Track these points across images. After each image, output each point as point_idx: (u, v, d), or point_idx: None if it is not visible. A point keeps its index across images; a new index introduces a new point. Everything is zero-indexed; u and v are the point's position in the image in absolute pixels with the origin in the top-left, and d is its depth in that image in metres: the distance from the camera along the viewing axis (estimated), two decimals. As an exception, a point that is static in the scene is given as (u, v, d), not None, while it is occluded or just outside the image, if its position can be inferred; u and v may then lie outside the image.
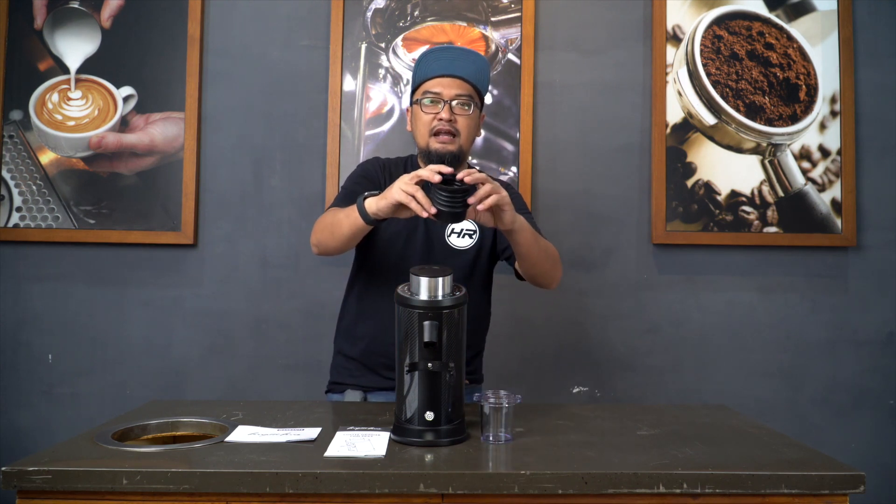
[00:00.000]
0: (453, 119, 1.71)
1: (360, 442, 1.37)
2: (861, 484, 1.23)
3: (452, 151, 1.71)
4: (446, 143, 1.71)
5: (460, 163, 1.75)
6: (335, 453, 1.30)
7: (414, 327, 1.36)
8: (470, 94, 1.73)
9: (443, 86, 1.72)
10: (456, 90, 1.72)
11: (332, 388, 1.86)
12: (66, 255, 2.47)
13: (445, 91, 1.72)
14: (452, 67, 1.72)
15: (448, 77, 1.72)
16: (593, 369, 2.49)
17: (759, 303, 2.51)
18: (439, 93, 1.72)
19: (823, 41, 2.54)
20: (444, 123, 1.70)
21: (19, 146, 2.47)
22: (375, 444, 1.35)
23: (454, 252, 1.78)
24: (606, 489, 1.20)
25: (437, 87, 1.72)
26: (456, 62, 1.72)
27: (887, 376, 2.50)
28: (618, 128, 2.52)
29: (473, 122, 1.75)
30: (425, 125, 1.73)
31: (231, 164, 2.50)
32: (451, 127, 1.71)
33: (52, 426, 2.42)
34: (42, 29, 2.49)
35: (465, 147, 1.75)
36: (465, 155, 1.78)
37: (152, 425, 1.51)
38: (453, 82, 1.72)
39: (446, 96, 1.71)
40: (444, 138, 1.71)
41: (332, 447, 1.34)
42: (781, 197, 2.50)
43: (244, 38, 2.52)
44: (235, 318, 2.48)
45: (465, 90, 1.72)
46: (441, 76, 1.72)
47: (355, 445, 1.34)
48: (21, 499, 1.20)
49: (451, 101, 1.71)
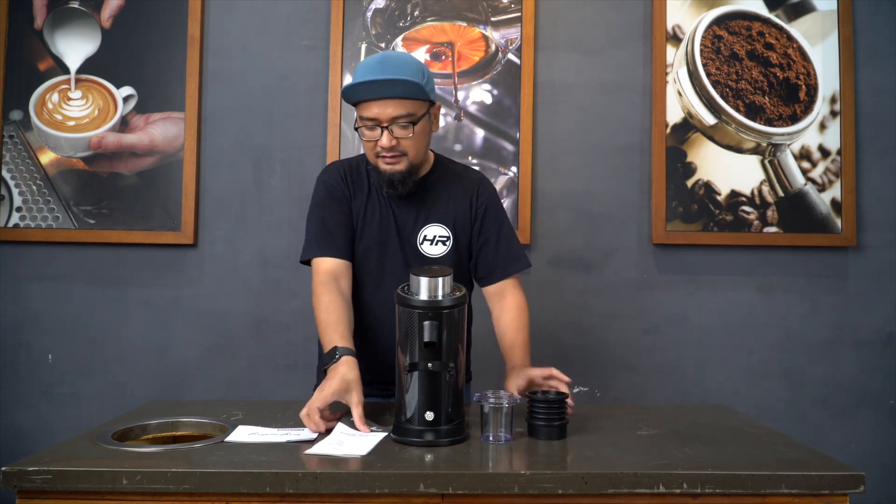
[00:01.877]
0: (396, 143, 1.62)
1: (349, 441, 1.35)
2: (861, 484, 1.23)
3: (401, 171, 1.64)
4: (393, 163, 1.64)
5: (415, 175, 1.69)
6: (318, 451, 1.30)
7: (414, 327, 1.36)
8: (409, 111, 1.61)
9: (379, 107, 1.60)
10: (392, 111, 1.59)
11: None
12: (66, 255, 2.47)
13: (382, 113, 1.60)
14: (383, 89, 1.59)
15: (382, 99, 1.59)
16: (593, 369, 2.49)
17: (759, 303, 2.51)
18: (376, 118, 1.60)
19: (823, 41, 2.54)
20: (387, 150, 1.62)
21: (19, 146, 2.47)
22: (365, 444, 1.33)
23: (428, 261, 1.72)
24: (606, 489, 1.20)
25: (373, 112, 1.60)
26: (385, 83, 1.58)
27: (887, 376, 2.50)
28: (618, 128, 2.52)
29: (421, 135, 1.65)
30: (369, 150, 1.66)
31: (231, 164, 2.50)
32: (396, 151, 1.63)
33: (52, 426, 2.42)
34: (42, 29, 2.49)
35: (415, 161, 1.66)
36: (420, 164, 1.70)
37: (152, 425, 1.51)
38: (388, 103, 1.59)
39: (384, 120, 1.60)
40: (390, 160, 1.64)
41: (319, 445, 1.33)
42: (781, 197, 2.50)
43: (244, 38, 2.52)
44: (235, 318, 2.48)
45: (403, 109, 1.60)
46: (373, 99, 1.60)
47: (342, 444, 1.33)
48: (21, 499, 1.20)
49: (390, 125, 1.61)
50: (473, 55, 2.50)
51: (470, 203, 1.76)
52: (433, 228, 1.74)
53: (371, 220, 1.73)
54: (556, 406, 1.41)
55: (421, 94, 1.61)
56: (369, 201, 1.74)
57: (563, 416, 1.42)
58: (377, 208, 1.73)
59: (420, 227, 1.73)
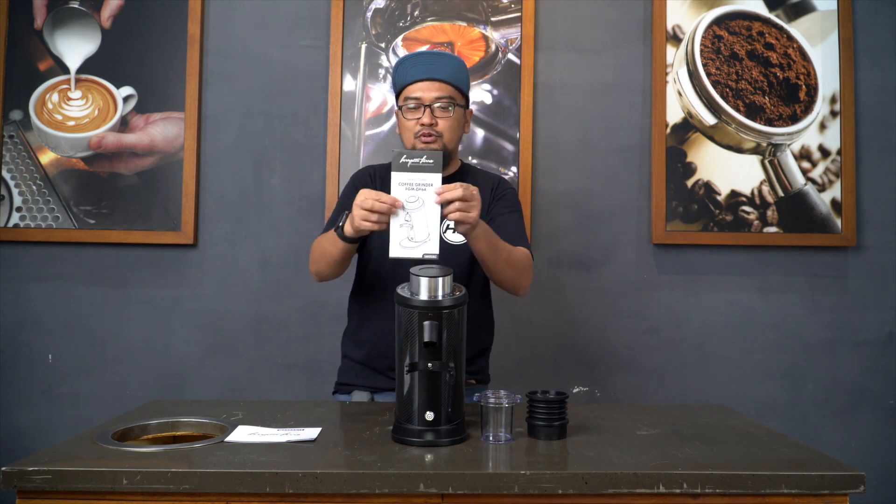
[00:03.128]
0: (435, 122, 1.75)
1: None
2: (861, 484, 1.23)
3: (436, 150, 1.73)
4: (429, 142, 1.75)
5: (447, 161, 1.79)
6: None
7: (414, 327, 1.36)
8: (451, 95, 1.77)
9: (422, 90, 1.76)
10: (436, 93, 1.76)
11: (339, 388, 1.88)
12: (66, 255, 2.47)
13: (425, 95, 1.76)
14: (430, 71, 1.76)
15: (427, 80, 1.76)
16: (593, 369, 2.49)
17: (759, 303, 2.51)
18: (419, 97, 1.76)
19: (823, 41, 2.54)
20: (427, 128, 1.75)
21: (19, 146, 2.47)
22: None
23: (452, 248, 1.78)
24: (606, 489, 1.20)
25: (417, 92, 1.76)
26: (433, 65, 1.77)
27: (887, 376, 2.50)
28: (618, 128, 2.52)
29: (456, 123, 1.79)
30: (409, 130, 1.78)
31: (231, 164, 2.50)
32: (433, 130, 1.75)
33: (52, 426, 2.42)
34: (42, 29, 2.49)
35: (449, 146, 1.79)
36: (452, 152, 1.83)
37: (152, 425, 1.51)
38: (432, 85, 1.76)
39: (427, 100, 1.75)
40: (426, 139, 1.75)
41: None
42: (781, 197, 2.50)
43: (244, 38, 2.52)
44: (235, 318, 2.47)
45: (446, 92, 1.76)
46: (420, 80, 1.76)
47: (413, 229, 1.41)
48: (21, 499, 1.20)
49: (432, 104, 1.75)
50: (473, 55, 2.50)
51: (491, 193, 1.85)
52: None
53: None
54: (556, 406, 1.41)
55: (463, 82, 1.80)
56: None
57: (563, 416, 1.42)
58: None
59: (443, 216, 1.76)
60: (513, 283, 1.73)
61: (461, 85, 1.80)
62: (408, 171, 1.48)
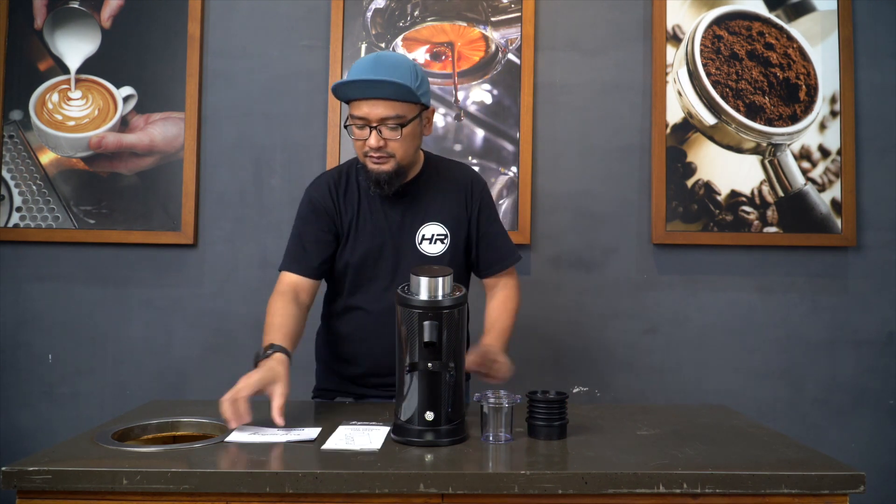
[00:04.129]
0: (384, 144, 1.62)
1: (358, 436, 1.38)
2: (861, 484, 1.23)
3: (388, 171, 1.64)
4: (380, 163, 1.64)
5: (403, 176, 1.69)
6: (332, 446, 1.32)
7: (414, 327, 1.36)
8: (398, 113, 1.60)
9: (369, 107, 1.60)
10: (381, 112, 1.59)
11: (319, 394, 1.84)
12: (66, 255, 2.47)
13: (371, 113, 1.60)
14: (372, 89, 1.58)
15: (371, 99, 1.59)
16: (593, 369, 2.49)
17: (759, 303, 2.51)
18: (365, 117, 1.60)
19: (823, 41, 2.54)
20: (375, 150, 1.62)
21: (19, 146, 2.47)
22: (373, 439, 1.37)
23: (426, 259, 1.73)
24: (606, 489, 1.20)
25: (363, 111, 1.60)
26: (375, 85, 1.58)
27: (887, 376, 2.50)
28: (618, 128, 2.52)
29: (410, 137, 1.64)
30: (358, 149, 1.66)
31: (231, 164, 2.50)
32: (383, 152, 1.63)
33: (52, 426, 2.42)
34: (42, 29, 2.49)
35: (403, 162, 1.66)
36: (408, 165, 1.70)
37: (152, 425, 1.51)
38: (377, 103, 1.59)
39: (373, 120, 1.60)
40: (377, 160, 1.64)
41: (330, 441, 1.36)
42: (781, 197, 2.50)
43: (244, 38, 2.52)
44: (235, 318, 2.47)
45: (393, 111, 1.60)
46: (364, 98, 1.60)
47: (353, 439, 1.36)
48: (21, 499, 1.20)
49: (379, 125, 1.61)
50: (473, 55, 2.50)
51: (465, 200, 1.78)
52: (431, 227, 1.75)
53: (364, 225, 1.73)
54: (556, 406, 1.41)
55: (411, 97, 1.60)
56: (361, 207, 1.74)
57: (564, 416, 1.42)
58: (369, 213, 1.73)
59: (417, 226, 1.73)
60: None
61: (409, 98, 1.60)
62: None
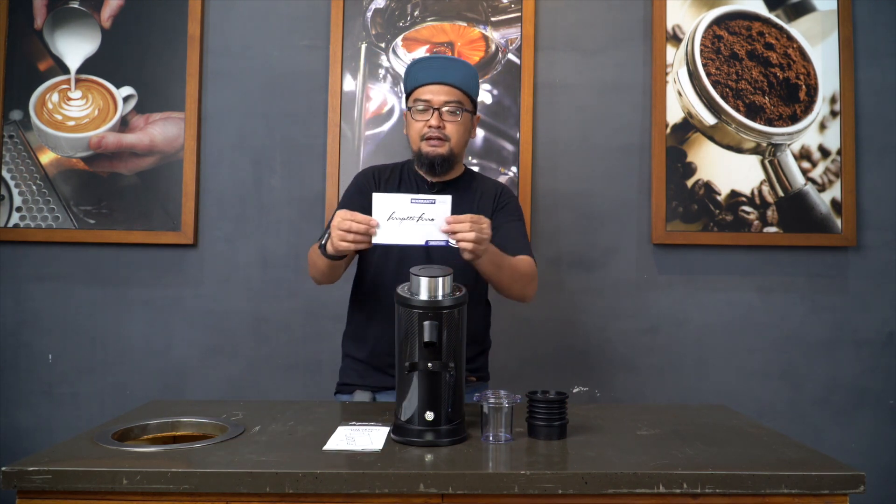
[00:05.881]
0: (442, 125, 1.77)
1: (359, 436, 1.38)
2: (861, 484, 1.23)
3: (442, 154, 1.78)
4: (436, 146, 1.78)
5: (452, 165, 1.82)
6: (332, 446, 1.32)
7: (414, 327, 1.36)
8: (459, 100, 1.79)
9: (433, 93, 1.78)
10: (445, 97, 1.77)
11: (340, 389, 1.89)
12: (66, 255, 2.47)
13: (435, 98, 1.77)
14: (441, 75, 1.78)
15: (437, 84, 1.78)
16: (593, 369, 2.49)
17: (759, 303, 2.51)
18: (429, 100, 1.78)
19: (823, 41, 2.54)
20: (434, 130, 1.77)
21: (19, 146, 2.47)
22: (374, 439, 1.37)
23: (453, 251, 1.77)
24: (606, 489, 1.20)
25: (427, 95, 1.78)
26: (445, 70, 1.78)
27: (887, 376, 2.50)
28: (618, 128, 2.52)
29: (463, 127, 1.81)
30: (417, 131, 1.80)
31: (231, 164, 2.50)
32: (440, 133, 1.77)
33: (52, 426, 2.43)
34: (42, 29, 2.49)
35: (455, 150, 1.80)
36: (458, 157, 1.83)
37: (152, 425, 1.51)
38: (442, 89, 1.78)
39: (436, 103, 1.77)
40: (434, 142, 1.78)
41: (330, 441, 1.36)
42: (781, 197, 2.50)
43: (244, 38, 2.52)
44: (235, 318, 2.47)
45: (455, 97, 1.78)
46: (431, 83, 1.78)
47: (354, 439, 1.36)
48: (21, 499, 1.20)
49: (441, 107, 1.77)
50: (473, 55, 2.50)
51: (493, 199, 1.87)
52: None
53: None
54: (556, 406, 1.41)
55: (473, 88, 1.82)
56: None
57: (564, 416, 1.42)
58: None
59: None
60: (519, 294, 1.77)
61: (471, 91, 1.81)
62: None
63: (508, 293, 1.76)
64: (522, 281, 1.74)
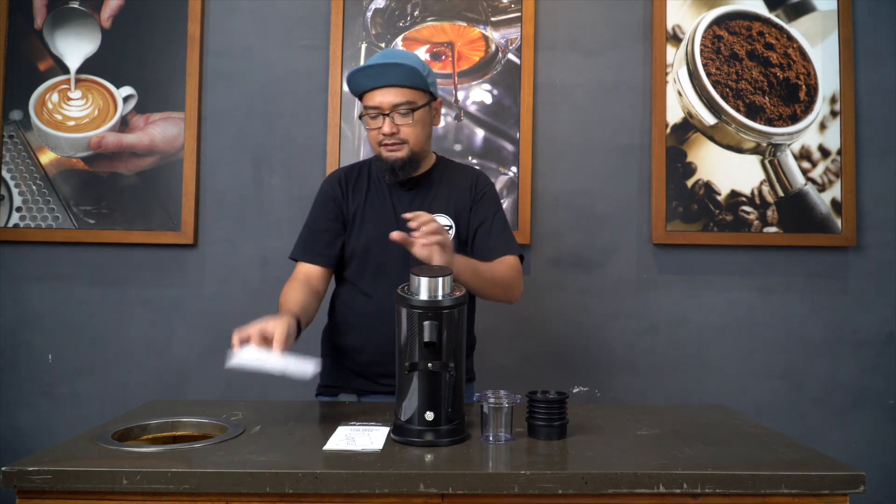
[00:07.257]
0: (396, 129, 1.71)
1: (359, 436, 1.38)
2: (861, 484, 1.23)
3: (402, 158, 1.72)
4: (394, 150, 1.72)
5: (416, 164, 1.76)
6: (333, 446, 1.32)
7: (414, 327, 1.36)
8: (409, 99, 1.70)
9: (381, 96, 1.70)
10: (393, 99, 1.69)
11: (322, 391, 1.86)
12: (66, 255, 2.47)
13: (384, 101, 1.70)
14: (385, 77, 1.69)
15: (383, 88, 1.70)
16: (593, 369, 2.49)
17: (759, 303, 2.51)
18: (378, 105, 1.70)
19: (823, 41, 2.54)
20: (389, 137, 1.71)
21: (19, 146, 2.47)
22: (374, 439, 1.37)
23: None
24: (606, 489, 1.20)
25: (375, 100, 1.71)
26: (386, 71, 1.69)
27: (887, 376, 2.50)
28: (618, 128, 2.52)
29: (420, 125, 1.74)
30: (373, 138, 1.75)
31: (231, 164, 2.50)
32: (395, 138, 1.71)
33: (52, 426, 2.42)
34: (42, 29, 2.49)
35: (416, 149, 1.74)
36: (421, 154, 1.77)
37: (152, 425, 1.51)
38: (389, 91, 1.70)
39: (386, 108, 1.70)
40: (391, 147, 1.72)
41: (331, 441, 1.36)
42: (781, 197, 2.50)
43: (244, 38, 2.52)
44: (235, 318, 2.44)
45: (403, 97, 1.70)
46: (376, 88, 1.71)
47: (354, 440, 1.36)
48: (21, 499, 1.20)
49: (391, 112, 1.70)
50: (473, 55, 2.50)
51: (469, 192, 1.82)
52: (437, 218, 1.74)
53: (371, 214, 1.79)
54: (556, 406, 1.41)
55: (420, 82, 1.70)
56: (368, 197, 1.81)
57: (564, 416, 1.42)
58: (377, 202, 1.79)
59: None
60: (503, 298, 1.75)
61: (419, 85, 1.71)
62: None
63: (489, 298, 1.74)
64: (502, 284, 1.71)
